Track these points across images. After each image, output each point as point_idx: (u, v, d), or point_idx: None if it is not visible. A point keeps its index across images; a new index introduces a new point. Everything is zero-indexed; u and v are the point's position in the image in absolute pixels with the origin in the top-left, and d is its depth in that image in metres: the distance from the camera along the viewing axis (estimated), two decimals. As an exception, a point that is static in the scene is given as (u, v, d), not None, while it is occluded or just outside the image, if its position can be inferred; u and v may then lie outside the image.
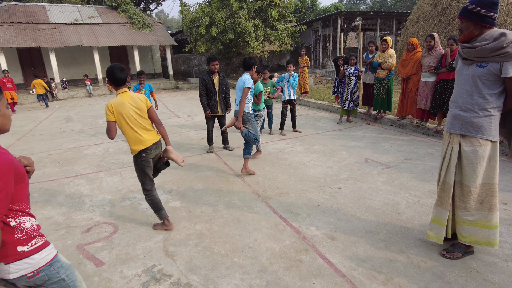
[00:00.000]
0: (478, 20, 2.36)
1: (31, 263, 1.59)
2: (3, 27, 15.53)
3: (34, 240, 1.62)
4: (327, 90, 12.61)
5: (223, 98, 5.84)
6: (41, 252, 1.63)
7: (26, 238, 1.59)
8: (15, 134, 8.47)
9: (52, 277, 1.66)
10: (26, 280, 1.60)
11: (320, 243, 3.02)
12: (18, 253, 1.55)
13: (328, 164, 5.08)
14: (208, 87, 5.70)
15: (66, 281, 1.73)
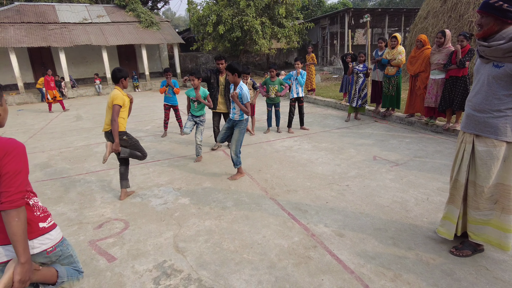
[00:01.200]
0: (500, 15, 2.24)
1: (51, 238, 1.75)
2: (14, 27, 15.77)
3: (50, 217, 1.79)
4: (335, 87, 12.56)
5: (229, 97, 5.84)
6: (56, 229, 1.82)
7: (44, 215, 1.76)
8: (27, 132, 8.62)
9: (64, 253, 1.85)
10: (45, 255, 1.75)
11: (328, 240, 3.04)
12: (40, 229, 1.70)
13: (336, 161, 5.08)
14: (212, 81, 5.76)
15: (73, 257, 1.94)
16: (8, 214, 1.49)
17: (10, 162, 1.51)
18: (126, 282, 2.62)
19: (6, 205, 1.49)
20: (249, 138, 6.69)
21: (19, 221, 1.50)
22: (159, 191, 4.36)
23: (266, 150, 5.82)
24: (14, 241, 1.50)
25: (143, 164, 5.45)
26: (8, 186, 1.50)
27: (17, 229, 1.49)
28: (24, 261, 1.52)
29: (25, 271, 1.53)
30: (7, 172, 1.50)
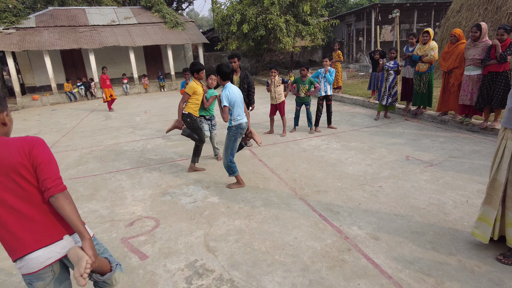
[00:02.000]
0: None
1: (88, 229, 1.71)
2: (48, 30, 16.44)
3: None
4: (362, 85, 12.26)
5: (244, 95, 5.74)
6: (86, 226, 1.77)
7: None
8: (60, 131, 8.95)
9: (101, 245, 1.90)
10: None
11: (363, 243, 2.93)
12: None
13: (367, 161, 4.93)
14: None
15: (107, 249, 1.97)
16: (58, 198, 1.53)
17: (40, 153, 1.54)
18: (158, 281, 2.63)
19: (54, 190, 1.52)
20: (275, 137, 6.62)
21: (70, 202, 1.55)
22: (188, 189, 4.38)
23: (293, 149, 5.74)
24: (73, 221, 1.53)
25: (172, 162, 5.51)
26: (48, 173, 1.54)
27: (71, 209, 1.53)
28: (88, 236, 1.57)
29: (92, 246, 1.56)
30: (42, 162, 1.54)
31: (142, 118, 10.01)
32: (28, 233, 1.55)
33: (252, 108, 5.95)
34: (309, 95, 6.54)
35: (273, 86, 6.45)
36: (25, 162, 1.50)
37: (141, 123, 9.25)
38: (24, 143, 1.53)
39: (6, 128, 1.64)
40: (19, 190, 1.52)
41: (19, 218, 1.54)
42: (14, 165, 1.49)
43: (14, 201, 1.52)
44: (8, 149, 1.50)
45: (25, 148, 1.51)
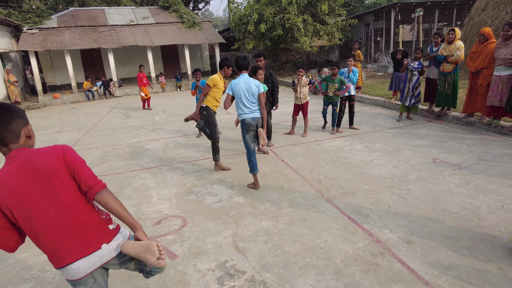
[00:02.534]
0: None
1: (124, 235, 1.75)
2: (70, 30, 16.79)
3: (113, 219, 1.76)
4: (381, 85, 12.07)
5: (268, 95, 5.80)
6: (122, 228, 1.81)
7: (109, 217, 1.73)
8: (81, 129, 9.11)
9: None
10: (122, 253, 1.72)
11: (396, 247, 2.86)
12: (111, 231, 1.69)
13: (393, 163, 4.83)
14: None
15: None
16: (104, 194, 1.56)
17: (74, 157, 1.57)
18: (190, 281, 2.62)
19: (98, 187, 1.55)
20: (296, 138, 6.57)
21: (115, 197, 1.59)
22: (213, 188, 4.38)
23: (316, 150, 5.67)
24: (121, 214, 1.58)
25: (194, 161, 5.52)
26: (87, 174, 1.57)
27: (118, 203, 1.58)
28: (139, 226, 1.66)
29: (144, 234, 1.65)
30: (78, 165, 1.56)
31: (161, 117, 10.10)
32: (67, 244, 1.55)
33: (275, 108, 5.95)
34: (337, 95, 6.41)
35: (299, 86, 6.38)
36: (62, 167, 1.52)
37: (160, 122, 9.33)
38: (56, 150, 1.55)
39: (31, 141, 1.63)
40: (57, 200, 1.51)
41: (62, 226, 1.54)
42: (52, 171, 1.49)
43: (57, 209, 1.52)
44: (42, 158, 1.50)
45: (59, 154, 1.53)
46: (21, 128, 1.55)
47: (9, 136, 1.50)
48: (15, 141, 1.53)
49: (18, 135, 1.53)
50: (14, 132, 1.52)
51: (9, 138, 1.51)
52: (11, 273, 2.92)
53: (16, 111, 1.55)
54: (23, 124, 1.57)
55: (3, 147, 1.52)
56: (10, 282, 2.79)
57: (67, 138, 8.05)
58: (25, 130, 1.57)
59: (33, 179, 1.48)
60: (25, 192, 1.48)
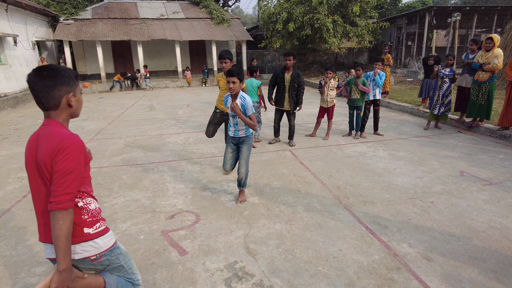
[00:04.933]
0: None
1: (95, 246, 1.62)
2: (102, 22, 17.28)
3: (98, 223, 1.65)
4: (410, 91, 11.66)
5: (293, 95, 5.81)
6: (104, 237, 1.67)
7: (92, 220, 1.63)
8: (106, 118, 9.33)
9: (113, 263, 1.71)
10: (89, 262, 1.63)
11: (414, 263, 2.71)
12: (84, 234, 1.59)
13: (417, 173, 4.61)
14: (278, 81, 5.89)
15: (125, 268, 1.77)
16: (54, 216, 1.42)
17: (62, 160, 1.44)
18: (197, 279, 2.58)
19: (53, 206, 1.42)
20: (317, 140, 6.43)
21: (63, 225, 1.41)
22: (228, 186, 4.34)
23: (337, 154, 5.52)
24: (55, 245, 1.41)
25: (213, 158, 5.51)
26: (57, 186, 1.43)
27: (59, 233, 1.40)
28: (62, 268, 1.42)
29: (62, 279, 1.43)
30: (58, 171, 1.43)
31: (185, 111, 10.19)
32: (44, 224, 1.57)
33: (299, 108, 5.94)
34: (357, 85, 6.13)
35: (327, 89, 6.23)
36: (48, 163, 1.46)
37: (183, 116, 9.41)
38: (57, 143, 1.45)
39: (72, 110, 1.59)
40: (41, 185, 1.53)
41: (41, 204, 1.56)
42: (40, 161, 1.47)
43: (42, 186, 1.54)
44: (46, 143, 1.47)
45: (54, 150, 1.45)
46: (63, 96, 1.53)
47: (50, 103, 1.51)
48: (55, 108, 1.52)
49: (58, 103, 1.52)
50: (55, 99, 1.51)
51: (49, 105, 1.51)
52: (27, 255, 2.99)
53: (62, 77, 1.51)
54: (66, 91, 1.53)
55: (44, 110, 1.54)
56: (26, 264, 2.86)
57: (92, 127, 8.26)
58: (67, 98, 1.54)
59: (33, 155, 1.53)
60: (28, 160, 1.55)
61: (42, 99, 1.49)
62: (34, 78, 1.47)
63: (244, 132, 3.73)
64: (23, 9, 13.52)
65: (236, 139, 3.77)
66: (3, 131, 8.04)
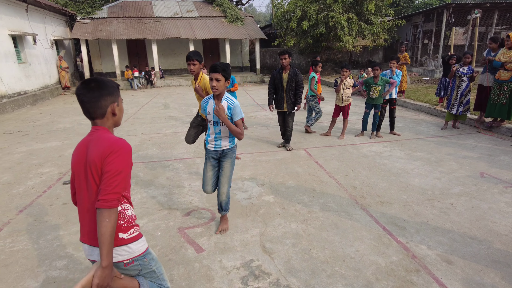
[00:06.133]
0: None
1: (128, 251, 1.66)
2: (118, 21, 17.52)
3: (133, 229, 1.69)
4: (426, 90, 11.44)
5: (291, 94, 5.53)
6: (137, 242, 1.70)
7: (127, 225, 1.66)
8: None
9: (145, 268, 1.74)
10: (122, 267, 1.66)
11: (433, 265, 2.66)
12: (119, 239, 1.62)
13: (435, 174, 4.52)
14: (276, 83, 5.60)
15: (156, 273, 1.80)
16: (101, 213, 1.47)
17: (113, 161, 1.51)
18: (214, 277, 2.60)
19: (101, 203, 1.47)
20: (332, 139, 6.38)
21: (109, 222, 1.47)
22: (243, 185, 4.34)
23: (352, 154, 5.46)
24: (100, 242, 1.46)
25: (226, 156, 5.52)
26: (107, 185, 1.49)
27: (105, 230, 1.46)
28: (105, 265, 1.47)
29: (104, 275, 1.48)
30: (109, 171, 1.50)
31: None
32: (87, 225, 1.62)
33: (297, 109, 5.65)
34: (385, 95, 6.08)
35: (343, 87, 6.17)
36: (99, 164, 1.53)
37: (197, 114, 9.45)
38: (108, 147, 1.53)
39: (115, 118, 1.69)
40: (89, 187, 1.58)
41: (86, 208, 1.61)
42: (91, 163, 1.54)
43: (86, 192, 1.59)
44: (96, 147, 1.55)
45: (105, 151, 1.52)
46: (108, 106, 1.62)
47: (97, 112, 1.60)
48: (101, 117, 1.62)
49: (104, 112, 1.62)
50: (101, 109, 1.61)
51: (96, 114, 1.61)
52: (48, 248, 3.06)
53: (107, 88, 1.61)
54: (111, 101, 1.63)
55: (91, 119, 1.63)
56: (47, 257, 2.93)
57: (109, 124, 8.38)
58: (112, 107, 1.63)
59: (83, 158, 1.59)
60: (77, 164, 1.62)
61: (90, 109, 1.59)
62: (82, 90, 1.58)
63: (228, 143, 3.07)
64: (42, 8, 13.82)
65: (217, 153, 3.10)
66: (23, 127, 8.25)
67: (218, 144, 3.07)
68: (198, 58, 4.06)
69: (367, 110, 6.38)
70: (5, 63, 11.06)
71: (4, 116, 10.01)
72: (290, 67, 5.50)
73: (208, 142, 3.13)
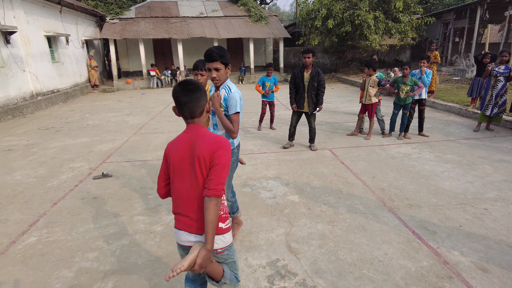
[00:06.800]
0: None
1: (223, 240, 1.77)
2: (145, 21, 17.94)
3: (228, 220, 1.82)
4: (457, 90, 11.02)
5: (313, 94, 5.43)
6: (229, 233, 1.82)
7: (225, 216, 1.79)
8: (149, 114, 9.69)
9: (229, 258, 1.86)
10: (215, 254, 1.78)
11: (468, 273, 2.55)
12: (218, 228, 1.72)
13: (467, 178, 4.35)
14: (297, 81, 5.49)
15: (235, 264, 1.92)
16: (211, 201, 1.58)
17: (222, 155, 1.64)
18: (240, 275, 2.60)
19: (212, 192, 1.59)
20: (358, 140, 6.26)
21: (216, 210, 1.60)
22: (268, 184, 4.34)
23: (380, 155, 5.34)
24: (207, 227, 1.58)
25: (251, 154, 5.54)
26: (216, 176, 1.62)
27: (213, 217, 1.58)
28: (209, 248, 1.60)
29: (207, 257, 1.60)
30: (218, 164, 1.63)
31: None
32: (185, 212, 1.73)
33: (319, 109, 5.54)
34: (410, 95, 5.94)
35: (366, 84, 6.05)
36: (207, 158, 1.65)
37: (221, 112, 9.52)
38: (215, 142, 1.67)
39: (207, 115, 1.83)
40: (194, 178, 1.69)
41: (187, 200, 1.72)
42: (199, 157, 1.65)
43: (188, 184, 1.70)
44: (201, 142, 1.67)
45: (214, 146, 1.65)
46: (205, 104, 1.77)
47: (197, 111, 1.73)
48: (200, 115, 1.75)
49: (202, 111, 1.76)
50: (201, 108, 1.75)
51: (197, 113, 1.74)
52: (80, 240, 3.18)
53: (202, 89, 1.74)
54: (205, 101, 1.77)
55: (189, 118, 1.74)
56: (79, 249, 3.04)
57: (136, 121, 8.61)
58: (206, 106, 1.79)
59: (188, 153, 1.70)
60: (180, 158, 1.72)
61: (192, 109, 1.71)
62: (183, 92, 1.70)
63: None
64: (74, 10, 14.36)
65: None
66: (56, 124, 8.61)
67: None
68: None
69: (396, 110, 6.21)
70: (41, 63, 11.58)
71: (39, 112, 10.48)
72: (312, 66, 5.42)
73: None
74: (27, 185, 4.58)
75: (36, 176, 4.91)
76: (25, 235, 3.30)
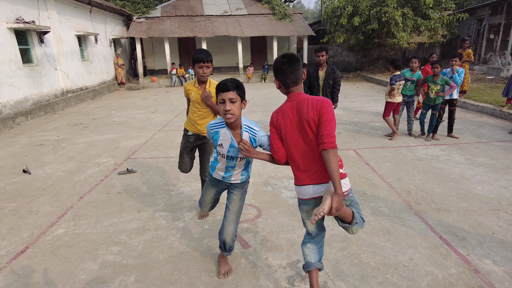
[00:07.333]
0: None
1: (346, 183, 2.01)
2: (170, 20, 18.24)
3: (344, 167, 2.04)
4: (490, 90, 10.50)
5: (328, 92, 5.27)
6: (347, 178, 2.04)
7: (341, 163, 1.98)
8: (173, 111, 9.85)
9: (354, 200, 2.08)
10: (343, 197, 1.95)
11: (501, 283, 2.41)
12: (341, 173, 1.92)
13: (501, 182, 4.12)
14: (312, 80, 5.34)
15: (359, 205, 2.11)
16: (329, 153, 1.80)
17: (326, 111, 1.88)
18: (259, 275, 2.59)
19: (328, 145, 1.81)
20: (383, 141, 6.08)
21: (336, 159, 1.80)
22: (289, 183, 4.29)
23: (406, 157, 5.16)
24: (333, 175, 1.78)
25: (273, 154, 5.50)
26: (328, 130, 1.85)
27: (335, 165, 1.78)
28: (340, 192, 1.78)
29: (340, 200, 1.78)
30: (325, 120, 1.86)
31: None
32: (306, 171, 1.99)
33: (334, 107, 5.39)
34: (441, 95, 5.70)
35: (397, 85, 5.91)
36: (315, 118, 1.89)
37: (244, 111, 9.54)
38: (318, 101, 1.91)
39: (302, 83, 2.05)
40: (306, 137, 1.95)
41: (304, 157, 1.98)
42: (308, 119, 1.91)
43: (302, 144, 1.97)
44: (307, 106, 1.92)
45: (318, 105, 1.89)
46: (302, 74, 2.01)
47: (299, 80, 2.00)
48: (300, 82, 2.01)
49: (301, 79, 2.01)
50: (300, 76, 2.00)
51: (298, 81, 2.00)
52: (104, 234, 3.26)
53: (300, 60, 2.00)
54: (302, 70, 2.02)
55: (292, 86, 2.00)
56: (104, 242, 3.12)
57: (160, 119, 8.77)
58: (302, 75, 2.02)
59: (296, 116, 1.97)
60: (290, 121, 1.99)
61: (293, 77, 1.97)
62: (286, 64, 1.96)
63: (240, 177, 2.44)
64: (103, 10, 14.81)
65: (224, 184, 2.52)
66: (84, 120, 8.91)
67: (228, 176, 2.43)
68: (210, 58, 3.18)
69: (424, 110, 5.99)
70: (71, 61, 12.03)
71: (69, 109, 10.90)
72: (327, 64, 5.30)
73: (215, 169, 2.47)
74: (57, 178, 4.76)
75: (65, 170, 5.09)
76: (53, 226, 3.42)
